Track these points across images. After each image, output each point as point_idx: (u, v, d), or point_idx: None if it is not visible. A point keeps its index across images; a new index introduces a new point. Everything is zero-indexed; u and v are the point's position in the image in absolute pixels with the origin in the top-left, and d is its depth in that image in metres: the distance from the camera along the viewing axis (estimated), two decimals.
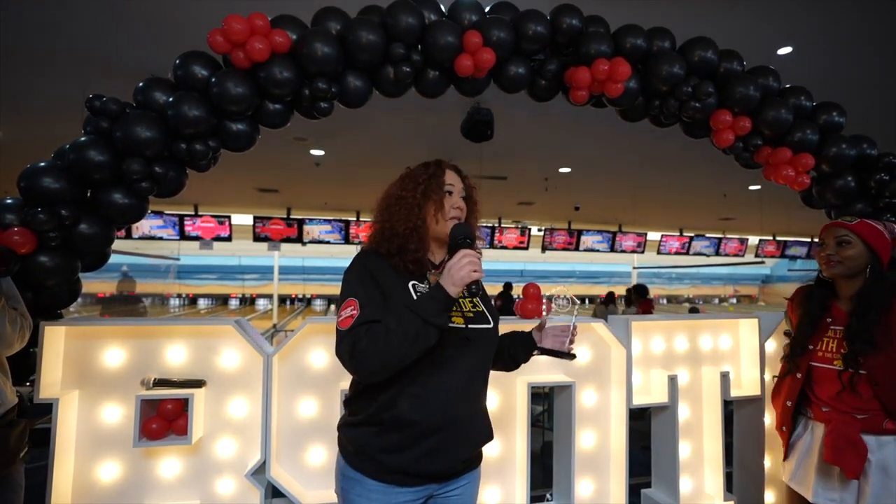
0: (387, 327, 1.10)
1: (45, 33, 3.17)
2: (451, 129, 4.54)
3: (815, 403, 1.64)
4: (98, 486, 1.71)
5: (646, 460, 2.34)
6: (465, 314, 1.25)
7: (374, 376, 1.15)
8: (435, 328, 1.10)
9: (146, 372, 1.74)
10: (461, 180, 1.34)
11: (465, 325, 1.23)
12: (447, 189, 1.29)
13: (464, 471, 1.26)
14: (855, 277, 1.62)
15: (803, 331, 1.69)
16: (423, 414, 1.16)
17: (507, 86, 2.01)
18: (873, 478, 1.48)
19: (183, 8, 2.91)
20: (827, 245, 1.64)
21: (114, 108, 1.69)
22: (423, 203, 1.27)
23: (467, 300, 1.29)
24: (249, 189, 7.62)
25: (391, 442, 1.16)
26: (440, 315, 1.11)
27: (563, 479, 2.07)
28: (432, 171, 1.31)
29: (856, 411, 1.54)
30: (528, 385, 1.95)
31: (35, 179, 1.62)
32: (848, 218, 1.64)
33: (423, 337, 1.10)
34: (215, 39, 1.68)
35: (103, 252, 1.85)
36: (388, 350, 1.09)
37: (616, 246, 9.63)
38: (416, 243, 1.24)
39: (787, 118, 2.11)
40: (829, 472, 1.56)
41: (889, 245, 1.62)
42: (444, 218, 1.26)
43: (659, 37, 2.05)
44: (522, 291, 2.10)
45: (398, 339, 1.08)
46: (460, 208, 1.29)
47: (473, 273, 1.11)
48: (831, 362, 1.60)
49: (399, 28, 1.80)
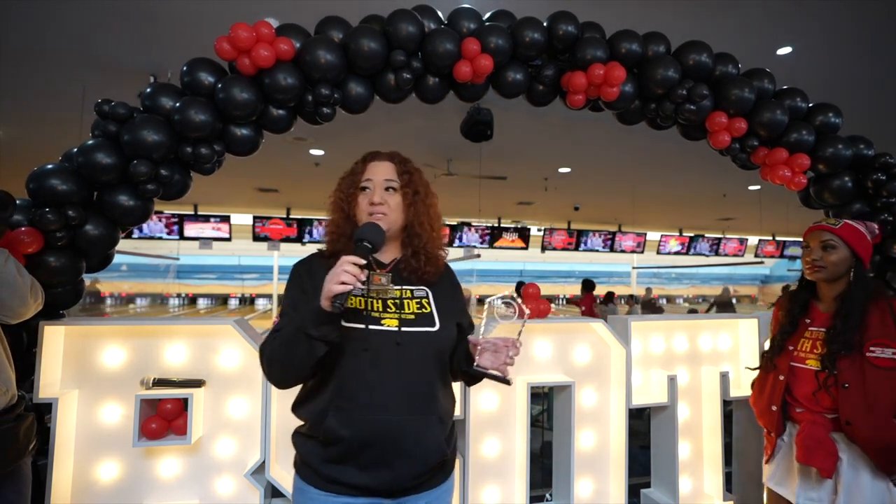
0: (281, 336, 1.08)
1: (46, 33, 3.18)
2: (450, 129, 4.55)
3: (790, 405, 1.67)
4: (98, 485, 1.72)
5: (645, 460, 2.35)
6: (402, 316, 1.15)
7: (280, 384, 1.13)
8: (317, 340, 1.03)
9: (146, 372, 1.75)
10: (393, 169, 1.23)
11: (398, 329, 1.13)
12: (363, 185, 1.22)
13: (420, 488, 1.15)
14: (837, 280, 1.64)
15: (784, 330, 1.72)
16: (352, 429, 1.08)
17: (505, 91, 2.04)
18: (845, 476, 1.52)
19: (183, 8, 2.91)
20: (812, 249, 1.66)
21: (122, 112, 1.72)
22: (344, 202, 1.22)
23: (414, 301, 1.19)
24: (249, 189, 7.63)
25: (330, 454, 1.10)
26: (318, 327, 1.03)
27: (562, 479, 2.08)
28: (354, 167, 1.26)
29: (827, 411, 1.57)
30: (527, 385, 1.96)
31: (43, 181, 1.65)
32: (832, 221, 1.65)
33: (305, 348, 1.03)
34: (222, 46, 1.72)
35: (108, 253, 1.87)
36: (278, 360, 1.08)
37: (615, 246, 9.63)
38: (343, 244, 1.19)
39: (783, 119, 2.13)
40: (808, 473, 1.59)
41: (870, 247, 1.65)
42: (364, 215, 1.19)
43: (654, 41, 2.08)
44: (522, 291, 2.10)
45: (283, 348, 1.06)
46: (374, 203, 1.19)
47: (337, 286, 0.98)
48: (804, 361, 1.64)
49: (399, 36, 1.83)
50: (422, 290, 1.22)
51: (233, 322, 1.81)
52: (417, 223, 1.24)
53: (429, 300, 1.21)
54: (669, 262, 12.27)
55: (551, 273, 20.81)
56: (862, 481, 1.50)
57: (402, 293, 1.19)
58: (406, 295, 1.19)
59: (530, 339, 2.05)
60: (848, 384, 1.51)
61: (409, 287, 1.21)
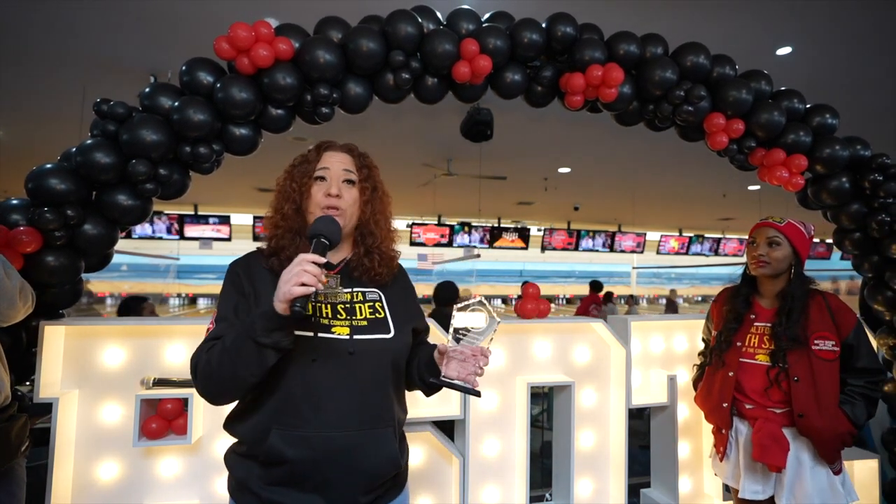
0: (222, 345, 0.95)
1: (46, 33, 3.18)
2: (450, 129, 4.55)
3: (739, 401, 1.71)
4: (98, 485, 1.72)
5: (645, 460, 2.35)
6: (354, 323, 1.05)
7: (218, 399, 1.00)
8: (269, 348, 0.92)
9: (146, 371, 1.75)
10: (351, 161, 1.14)
11: (349, 336, 1.04)
12: (318, 174, 1.10)
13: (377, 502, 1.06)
14: (778, 277, 1.71)
15: (729, 327, 1.76)
16: (299, 450, 0.97)
17: (503, 92, 2.05)
18: (789, 467, 1.58)
19: (183, 8, 2.92)
20: (758, 244, 1.71)
21: (121, 111, 1.72)
22: (294, 193, 1.10)
23: (366, 305, 1.10)
24: (249, 189, 7.63)
25: (273, 476, 0.99)
26: (270, 334, 0.91)
27: (562, 478, 2.08)
28: (306, 155, 1.14)
29: (777, 405, 1.63)
30: (527, 385, 1.96)
31: (42, 180, 1.65)
32: (778, 219, 1.71)
33: (255, 358, 0.92)
34: (221, 46, 1.72)
35: (106, 253, 1.87)
36: (220, 372, 0.94)
37: (615, 246, 9.64)
38: (286, 240, 1.08)
39: (780, 120, 2.14)
40: (753, 468, 1.65)
41: (808, 246, 1.72)
42: (316, 208, 1.08)
43: (652, 43, 2.09)
44: (522, 291, 2.10)
45: (229, 358, 0.93)
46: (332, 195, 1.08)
47: (297, 288, 0.87)
48: (754, 357, 1.69)
49: (398, 36, 1.84)
50: (374, 293, 1.13)
51: None
52: (373, 221, 1.15)
53: (382, 304, 1.12)
54: (669, 262, 12.27)
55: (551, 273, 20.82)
56: (804, 471, 1.58)
57: (353, 296, 1.10)
58: (357, 298, 1.09)
59: (530, 339, 2.06)
60: (798, 378, 1.58)
61: (361, 289, 1.12)
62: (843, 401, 1.60)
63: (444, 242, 8.75)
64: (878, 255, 2.29)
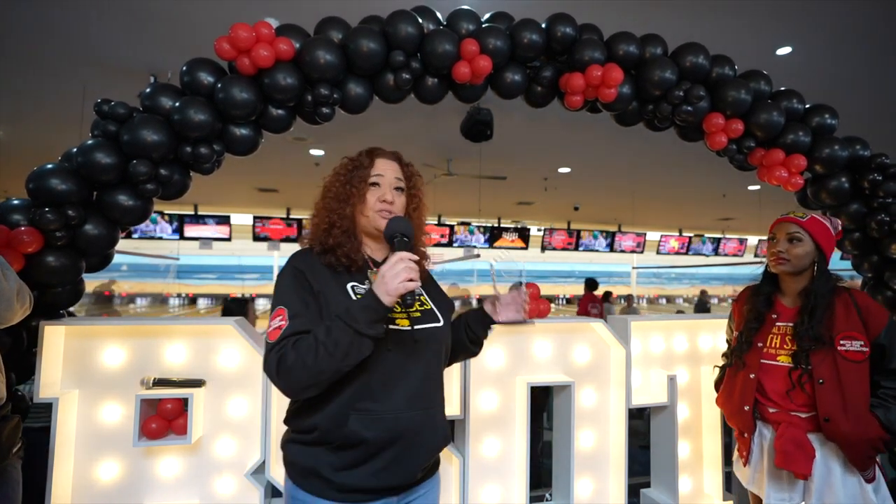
0: (315, 339, 1.01)
1: (45, 33, 3.18)
2: (450, 129, 4.55)
3: (762, 404, 1.62)
4: (98, 485, 1.72)
5: (645, 460, 2.35)
6: (410, 314, 1.16)
7: (303, 392, 1.07)
8: (369, 339, 1.01)
9: (146, 371, 1.75)
10: (400, 170, 1.24)
11: (410, 327, 1.14)
12: (373, 180, 1.20)
13: (423, 479, 1.18)
14: (801, 274, 1.61)
15: (750, 326, 1.67)
16: (375, 430, 1.07)
17: (503, 92, 2.05)
18: (817, 474, 1.49)
19: (183, 8, 2.92)
20: (778, 241, 1.62)
21: (121, 112, 1.72)
22: (347, 196, 1.19)
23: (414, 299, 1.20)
24: (249, 189, 7.63)
25: (344, 460, 1.07)
26: (373, 325, 1.01)
27: (562, 478, 2.08)
28: (359, 160, 1.23)
29: (802, 408, 1.54)
30: (527, 385, 1.96)
31: (43, 180, 1.65)
32: (800, 214, 1.62)
33: (356, 349, 1.01)
34: (222, 46, 1.72)
35: (107, 253, 1.88)
36: (317, 365, 1.00)
37: (615, 246, 9.64)
38: (343, 238, 1.17)
39: (779, 120, 2.14)
40: (778, 475, 1.56)
41: (834, 242, 1.63)
42: (370, 212, 1.18)
43: (651, 43, 2.09)
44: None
45: (328, 352, 0.99)
46: (387, 201, 1.19)
47: (408, 283, 0.99)
48: (775, 358, 1.60)
49: (398, 37, 1.84)
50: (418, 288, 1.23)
51: (233, 322, 1.81)
52: (416, 225, 1.25)
53: (425, 297, 1.24)
54: (669, 262, 12.27)
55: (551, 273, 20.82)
56: (834, 479, 1.48)
57: None
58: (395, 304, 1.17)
59: (530, 339, 2.06)
60: (823, 380, 1.49)
61: None
62: (876, 404, 1.48)
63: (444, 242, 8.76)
64: (878, 254, 2.29)
